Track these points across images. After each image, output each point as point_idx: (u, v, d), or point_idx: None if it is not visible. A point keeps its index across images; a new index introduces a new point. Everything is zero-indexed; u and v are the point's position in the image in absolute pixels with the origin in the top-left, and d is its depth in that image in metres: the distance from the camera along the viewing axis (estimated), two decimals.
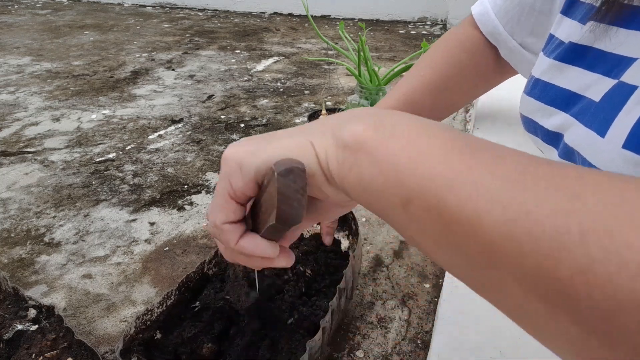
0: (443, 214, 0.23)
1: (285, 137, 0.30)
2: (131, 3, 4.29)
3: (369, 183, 0.26)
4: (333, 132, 0.29)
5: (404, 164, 0.25)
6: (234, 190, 0.31)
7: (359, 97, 1.53)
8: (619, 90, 0.35)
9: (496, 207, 0.21)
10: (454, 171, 0.23)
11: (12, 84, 2.29)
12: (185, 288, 0.83)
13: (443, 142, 0.25)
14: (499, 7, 0.61)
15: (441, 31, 3.38)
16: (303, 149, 0.29)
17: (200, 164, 1.57)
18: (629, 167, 0.32)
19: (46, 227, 1.26)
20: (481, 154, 0.24)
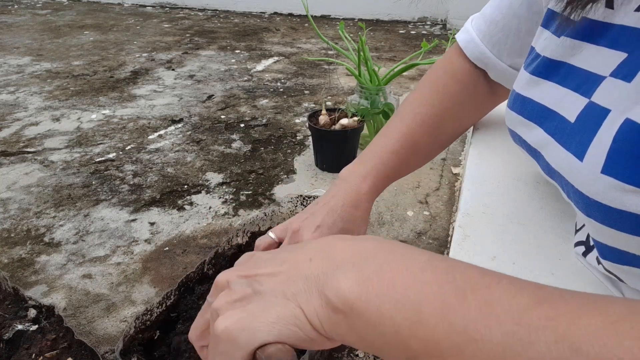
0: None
1: (275, 305, 0.29)
2: (131, 3, 4.29)
3: (371, 342, 0.27)
4: (318, 290, 0.28)
5: (402, 326, 0.25)
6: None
7: (359, 97, 1.53)
8: (592, 111, 0.35)
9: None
10: (453, 330, 0.23)
11: (12, 84, 2.29)
12: (185, 288, 0.83)
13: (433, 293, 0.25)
14: (484, 32, 0.61)
15: (441, 31, 3.38)
16: (295, 320, 0.28)
17: (200, 164, 1.58)
18: (611, 192, 0.32)
19: (46, 227, 1.26)
20: (472, 296, 0.24)
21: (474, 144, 0.70)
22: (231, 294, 0.31)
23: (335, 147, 1.49)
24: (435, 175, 1.49)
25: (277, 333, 0.29)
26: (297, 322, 0.28)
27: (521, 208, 0.56)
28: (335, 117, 1.50)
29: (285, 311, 0.29)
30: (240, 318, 0.30)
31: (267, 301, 0.30)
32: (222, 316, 0.30)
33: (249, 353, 0.29)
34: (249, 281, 0.31)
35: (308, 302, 0.28)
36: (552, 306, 0.23)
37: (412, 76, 2.38)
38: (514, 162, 0.65)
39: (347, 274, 0.28)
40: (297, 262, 0.31)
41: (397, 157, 0.60)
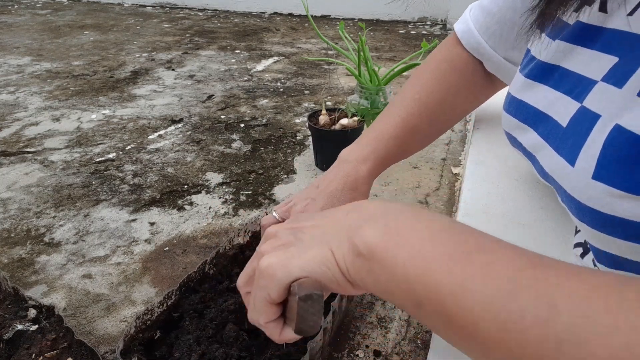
0: (448, 318, 0.27)
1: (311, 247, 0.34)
2: (131, 3, 4.29)
3: (385, 286, 0.30)
4: (348, 237, 0.32)
5: (412, 274, 0.28)
6: (272, 297, 0.35)
7: (359, 97, 1.53)
8: (583, 116, 0.35)
9: (489, 316, 0.25)
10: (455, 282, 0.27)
11: (12, 84, 2.29)
12: (186, 288, 0.83)
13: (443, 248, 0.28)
14: (481, 23, 0.62)
15: (441, 31, 3.38)
16: (326, 261, 0.33)
17: (200, 164, 1.57)
18: (602, 198, 0.32)
19: (46, 227, 1.26)
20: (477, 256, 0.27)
21: (474, 144, 0.70)
22: (277, 240, 0.37)
23: (335, 147, 1.48)
24: (435, 175, 1.49)
25: (310, 270, 0.33)
26: (327, 263, 0.33)
27: (521, 208, 0.56)
28: (335, 117, 1.50)
29: (318, 253, 0.33)
30: (281, 258, 0.35)
31: (306, 245, 0.35)
32: (266, 256, 0.35)
33: (285, 286, 0.34)
34: (294, 231, 0.36)
35: (339, 247, 0.33)
36: (542, 270, 0.25)
37: None
38: (514, 162, 0.65)
39: (373, 226, 0.31)
40: (336, 216, 0.35)
41: (396, 142, 0.62)
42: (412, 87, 0.66)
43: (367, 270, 0.31)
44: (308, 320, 0.34)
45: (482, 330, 0.25)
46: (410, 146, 0.65)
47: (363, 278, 0.31)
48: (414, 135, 0.64)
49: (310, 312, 0.33)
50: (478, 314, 0.25)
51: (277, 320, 0.37)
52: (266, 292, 0.35)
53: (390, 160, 0.63)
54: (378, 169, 0.61)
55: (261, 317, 0.37)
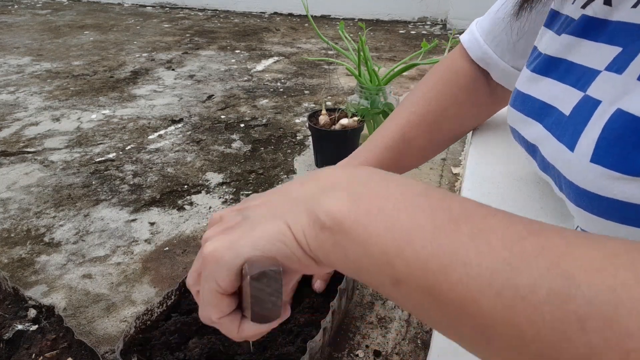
0: (437, 296, 0.23)
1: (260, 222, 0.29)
2: (131, 3, 4.29)
3: (356, 262, 0.26)
4: (307, 209, 0.28)
5: (389, 246, 0.24)
6: (222, 287, 0.30)
7: (359, 97, 1.53)
8: (585, 104, 0.36)
9: (490, 292, 0.21)
10: (444, 255, 0.23)
11: (12, 84, 2.29)
12: (185, 288, 0.83)
13: (425, 217, 0.24)
14: (487, 32, 0.61)
15: (441, 31, 3.38)
16: (281, 236, 0.28)
17: (200, 164, 1.58)
18: (599, 180, 0.33)
19: (46, 227, 1.26)
20: (465, 225, 0.24)
21: (474, 144, 0.70)
22: (222, 224, 0.32)
23: (335, 147, 1.49)
24: (435, 175, 1.49)
25: (262, 248, 0.28)
26: (283, 238, 0.28)
27: (521, 208, 0.56)
28: (335, 117, 1.50)
29: (271, 227, 0.29)
30: (226, 240, 0.30)
31: (255, 222, 0.30)
32: (210, 241, 0.31)
33: (235, 271, 0.29)
34: (240, 212, 0.32)
35: (295, 220, 0.28)
36: (547, 237, 0.22)
37: (412, 76, 2.38)
38: (514, 162, 0.65)
39: (338, 194, 0.27)
40: (289, 188, 0.31)
41: (390, 153, 0.60)
42: (411, 99, 0.64)
43: (332, 244, 0.27)
44: (265, 302, 0.29)
45: (481, 309, 0.21)
46: (405, 159, 0.62)
47: (327, 254, 0.27)
48: (409, 147, 0.62)
49: (266, 292, 0.28)
50: (477, 291, 0.21)
51: (233, 314, 0.32)
52: (214, 281, 0.30)
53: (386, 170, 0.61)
54: None
55: (213, 313, 0.31)
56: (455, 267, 0.22)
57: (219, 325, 0.32)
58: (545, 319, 0.20)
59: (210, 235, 0.32)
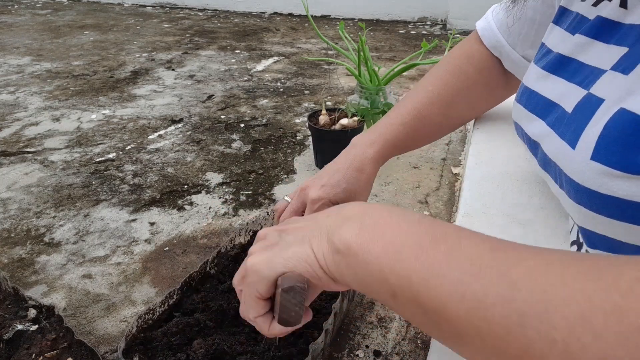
0: (421, 304, 0.28)
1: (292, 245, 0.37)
2: (131, 3, 4.29)
3: (363, 280, 0.32)
4: (328, 237, 0.35)
5: (385, 265, 0.30)
6: (260, 293, 0.38)
7: (359, 97, 1.53)
8: (588, 101, 0.36)
9: (456, 298, 0.26)
10: (424, 268, 0.28)
11: (12, 84, 2.29)
12: (187, 287, 0.83)
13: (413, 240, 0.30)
14: (501, 21, 0.63)
15: (441, 31, 3.38)
16: (307, 258, 0.35)
17: (200, 164, 1.58)
18: (599, 178, 0.33)
19: (46, 227, 1.26)
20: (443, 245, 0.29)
21: (474, 144, 0.70)
22: (265, 242, 0.40)
23: (335, 147, 1.48)
24: (435, 175, 1.49)
25: (292, 266, 0.36)
26: (308, 260, 0.35)
27: (521, 208, 0.56)
28: (335, 117, 1.50)
29: (300, 250, 0.36)
30: (265, 256, 0.37)
31: (288, 244, 0.37)
32: (253, 255, 0.39)
33: (271, 282, 0.37)
34: (280, 233, 0.39)
35: (319, 246, 0.35)
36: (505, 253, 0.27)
37: (412, 76, 2.38)
38: (514, 162, 0.65)
39: (351, 224, 0.34)
40: (318, 218, 0.38)
41: (405, 129, 0.64)
42: (428, 79, 0.67)
43: (345, 265, 0.33)
44: (290, 310, 0.37)
45: (451, 312, 0.26)
46: (420, 134, 0.66)
47: (342, 273, 0.33)
48: (424, 124, 0.65)
49: (292, 302, 0.36)
50: (446, 297, 0.26)
51: (266, 315, 0.40)
52: (254, 288, 0.38)
53: (399, 146, 0.64)
54: (386, 153, 0.63)
55: (251, 312, 0.39)
56: (431, 279, 0.27)
57: (254, 322, 0.40)
58: (494, 317, 0.24)
59: (254, 250, 0.40)
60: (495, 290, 0.25)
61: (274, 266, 0.36)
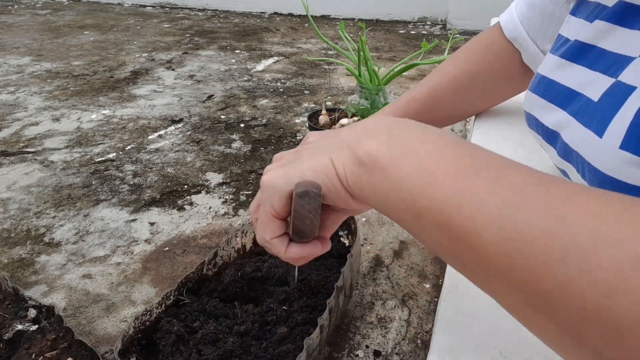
0: (449, 230, 0.26)
1: (309, 157, 0.34)
2: (131, 3, 4.29)
3: (385, 197, 0.30)
4: (350, 147, 0.32)
5: (415, 184, 0.28)
6: (275, 210, 0.35)
7: (359, 97, 1.53)
8: (617, 89, 0.35)
9: (493, 227, 0.24)
10: (462, 194, 0.26)
11: (12, 84, 2.29)
12: (184, 289, 0.83)
13: (450, 162, 0.28)
14: (524, 15, 0.64)
15: (441, 31, 3.38)
16: (324, 169, 0.33)
17: (200, 164, 1.57)
18: (627, 167, 0.32)
19: (46, 227, 1.26)
20: (484, 172, 0.27)
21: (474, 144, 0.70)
22: (281, 160, 0.37)
23: None
24: None
25: (308, 177, 0.33)
26: (326, 171, 0.33)
27: None
28: (335, 117, 1.50)
29: (318, 161, 0.33)
30: (281, 171, 0.35)
31: (305, 157, 0.35)
32: (268, 173, 0.36)
33: (286, 195, 0.34)
34: (297, 151, 0.37)
35: (339, 156, 0.32)
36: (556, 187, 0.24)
37: (412, 76, 2.38)
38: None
39: (379, 137, 0.31)
40: (338, 132, 0.35)
41: (417, 105, 0.65)
42: (446, 63, 0.68)
43: (367, 179, 0.30)
44: (304, 217, 0.34)
45: (483, 242, 0.24)
46: (433, 113, 0.66)
47: (362, 187, 0.31)
48: (437, 103, 0.65)
49: (306, 209, 0.34)
50: (482, 225, 0.25)
51: (283, 237, 0.37)
52: (269, 204, 0.35)
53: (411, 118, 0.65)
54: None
55: (267, 233, 0.37)
56: (468, 205, 0.25)
57: (270, 245, 0.38)
58: (534, 251, 0.22)
59: (270, 168, 0.37)
60: (541, 223, 0.23)
61: (289, 179, 0.34)
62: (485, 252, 0.24)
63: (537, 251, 0.22)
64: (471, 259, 0.25)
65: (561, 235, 0.22)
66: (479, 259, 0.25)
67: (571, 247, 0.21)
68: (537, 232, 0.23)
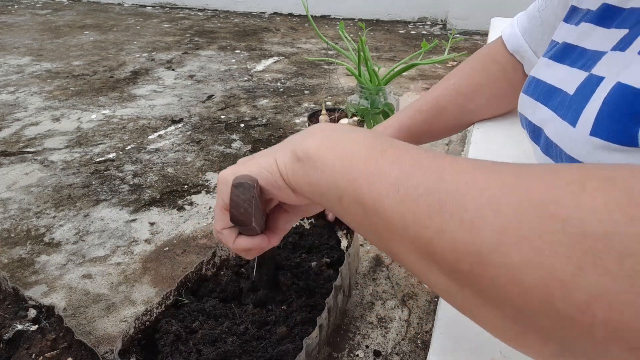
0: (363, 204, 0.30)
1: (258, 158, 0.40)
2: (131, 3, 4.29)
3: (316, 186, 0.34)
4: (291, 149, 0.37)
5: (337, 169, 0.32)
6: (225, 202, 0.40)
7: (359, 97, 1.53)
8: (589, 82, 0.37)
9: (392, 192, 0.28)
10: (369, 170, 0.30)
11: (12, 84, 2.29)
12: (184, 288, 0.83)
13: (365, 148, 0.32)
14: (525, 28, 0.66)
15: (441, 31, 3.38)
16: (268, 167, 0.38)
17: (200, 164, 1.58)
18: (598, 153, 0.34)
19: (46, 227, 1.26)
20: (390, 152, 0.31)
21: (474, 144, 0.70)
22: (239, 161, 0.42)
23: None
24: None
25: (254, 173, 0.39)
26: (270, 169, 0.38)
27: None
28: (335, 117, 1.50)
29: (264, 160, 0.39)
30: (232, 169, 0.41)
31: (255, 158, 0.40)
32: (223, 171, 0.41)
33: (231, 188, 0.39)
34: (253, 155, 0.42)
35: (282, 156, 0.38)
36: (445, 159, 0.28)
37: (412, 76, 2.38)
38: (513, 162, 0.65)
39: (315, 137, 0.36)
40: (287, 139, 0.40)
41: (422, 116, 0.67)
42: (451, 74, 0.70)
43: (302, 173, 0.35)
44: (239, 206, 0.38)
45: (385, 206, 0.28)
46: (438, 123, 0.68)
47: (299, 180, 0.36)
48: (441, 113, 0.67)
49: (241, 198, 0.38)
50: (384, 192, 0.28)
51: (233, 229, 0.42)
52: (220, 198, 0.40)
53: (414, 132, 0.67)
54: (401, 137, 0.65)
55: (217, 224, 0.42)
56: (374, 179, 0.30)
57: (221, 235, 0.42)
58: (419, 205, 0.26)
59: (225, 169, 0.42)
60: (425, 183, 0.27)
61: (236, 174, 0.39)
62: (387, 216, 0.28)
63: (422, 206, 0.26)
64: (380, 226, 0.29)
65: (439, 190, 0.26)
66: (384, 224, 0.29)
67: (446, 198, 0.25)
68: (422, 191, 0.27)
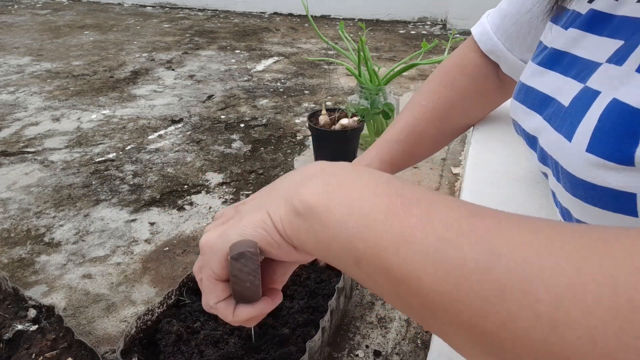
0: (388, 272, 0.26)
1: (247, 214, 0.33)
2: (131, 3, 4.29)
3: (325, 246, 0.29)
4: (286, 199, 0.31)
5: (352, 229, 0.27)
6: (216, 273, 0.33)
7: (359, 97, 1.53)
8: (584, 94, 0.36)
9: (431, 267, 0.24)
10: (395, 234, 0.26)
11: (12, 84, 2.29)
12: (186, 288, 0.83)
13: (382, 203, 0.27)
14: (497, 25, 0.63)
15: (441, 31, 3.38)
16: (262, 223, 0.32)
17: (200, 164, 1.58)
18: (593, 170, 0.33)
19: (46, 227, 1.26)
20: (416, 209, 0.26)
21: (474, 144, 0.70)
22: (221, 218, 0.36)
23: (336, 147, 1.49)
24: (435, 175, 1.49)
25: (247, 235, 0.32)
26: (265, 226, 0.32)
27: (521, 208, 0.56)
28: (335, 117, 1.50)
29: (255, 217, 0.32)
30: (218, 231, 0.34)
31: (243, 214, 0.34)
32: (206, 234, 0.35)
33: (224, 257, 0.32)
34: (236, 208, 0.36)
35: (276, 209, 0.32)
36: (482, 218, 0.24)
37: (412, 76, 2.38)
38: (513, 162, 0.65)
39: (312, 184, 0.30)
40: (275, 184, 0.35)
41: (401, 147, 0.64)
42: (421, 93, 0.67)
43: (305, 229, 0.29)
44: (244, 281, 0.32)
45: (423, 282, 0.24)
46: (416, 151, 0.65)
47: (301, 238, 0.30)
48: (420, 140, 0.64)
49: (244, 271, 0.31)
50: (420, 265, 0.24)
51: (228, 300, 0.35)
52: (209, 267, 0.33)
53: (396, 164, 0.64)
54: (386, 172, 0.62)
55: (210, 298, 0.35)
56: (403, 246, 0.25)
57: (216, 310, 0.35)
58: (472, 288, 0.22)
59: (209, 228, 0.36)
60: (473, 257, 0.22)
61: (227, 238, 0.32)
62: (426, 292, 0.24)
63: (475, 288, 0.22)
64: (414, 300, 0.25)
65: (495, 269, 0.21)
66: (421, 301, 0.24)
67: (507, 282, 0.21)
68: (471, 268, 0.22)
